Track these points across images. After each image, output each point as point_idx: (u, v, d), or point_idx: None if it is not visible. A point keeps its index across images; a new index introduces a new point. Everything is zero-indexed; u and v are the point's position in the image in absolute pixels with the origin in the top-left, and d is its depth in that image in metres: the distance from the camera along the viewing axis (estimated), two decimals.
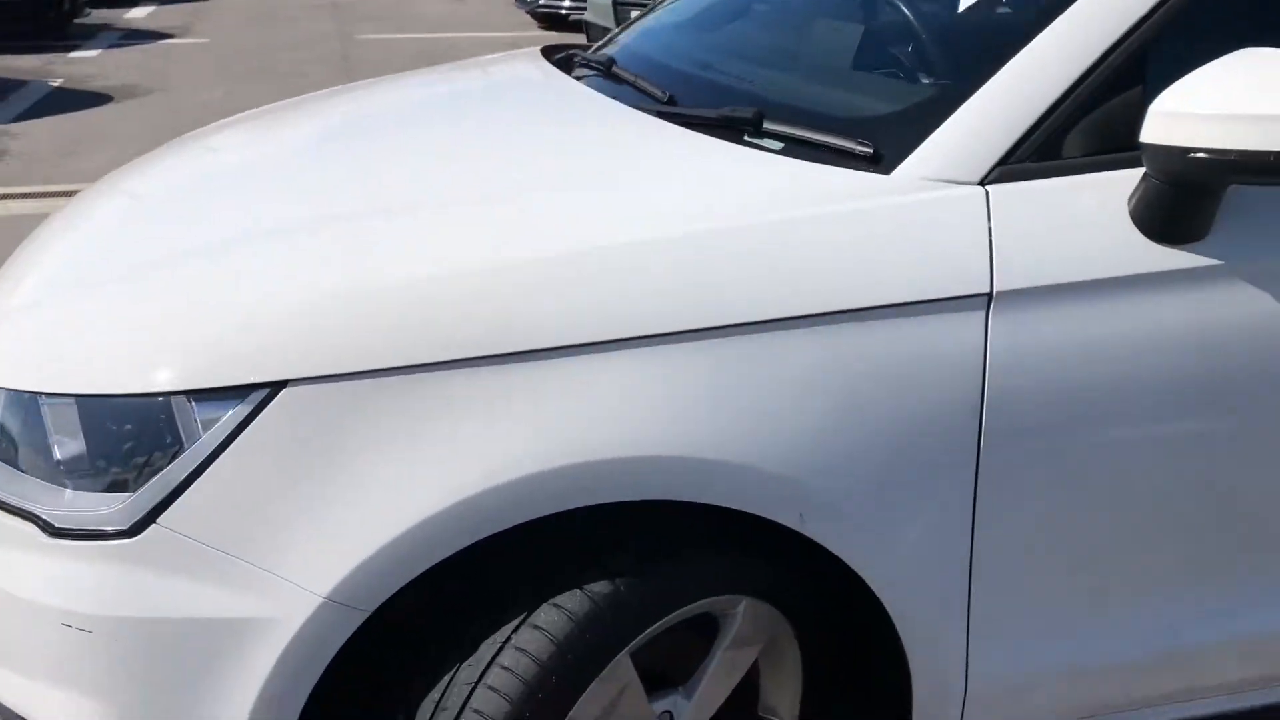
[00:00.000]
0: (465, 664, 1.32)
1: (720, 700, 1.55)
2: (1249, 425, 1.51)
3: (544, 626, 1.31)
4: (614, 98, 1.90)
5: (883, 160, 1.46)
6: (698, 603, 1.43)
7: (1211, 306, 1.45)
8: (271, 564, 1.26)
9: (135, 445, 1.30)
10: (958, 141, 1.45)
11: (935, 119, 1.48)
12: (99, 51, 9.45)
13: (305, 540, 1.26)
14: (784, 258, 1.37)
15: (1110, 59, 1.45)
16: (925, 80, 1.80)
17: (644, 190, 1.52)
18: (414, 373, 1.27)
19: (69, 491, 1.32)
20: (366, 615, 1.27)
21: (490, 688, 1.30)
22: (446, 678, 1.33)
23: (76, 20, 10.65)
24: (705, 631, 1.52)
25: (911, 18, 1.92)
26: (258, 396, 1.27)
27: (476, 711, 1.29)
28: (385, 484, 1.26)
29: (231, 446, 1.26)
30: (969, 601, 1.50)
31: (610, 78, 2.06)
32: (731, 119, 1.62)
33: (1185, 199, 1.41)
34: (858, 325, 1.37)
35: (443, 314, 1.30)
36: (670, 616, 1.40)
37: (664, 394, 1.32)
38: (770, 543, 1.42)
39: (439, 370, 1.28)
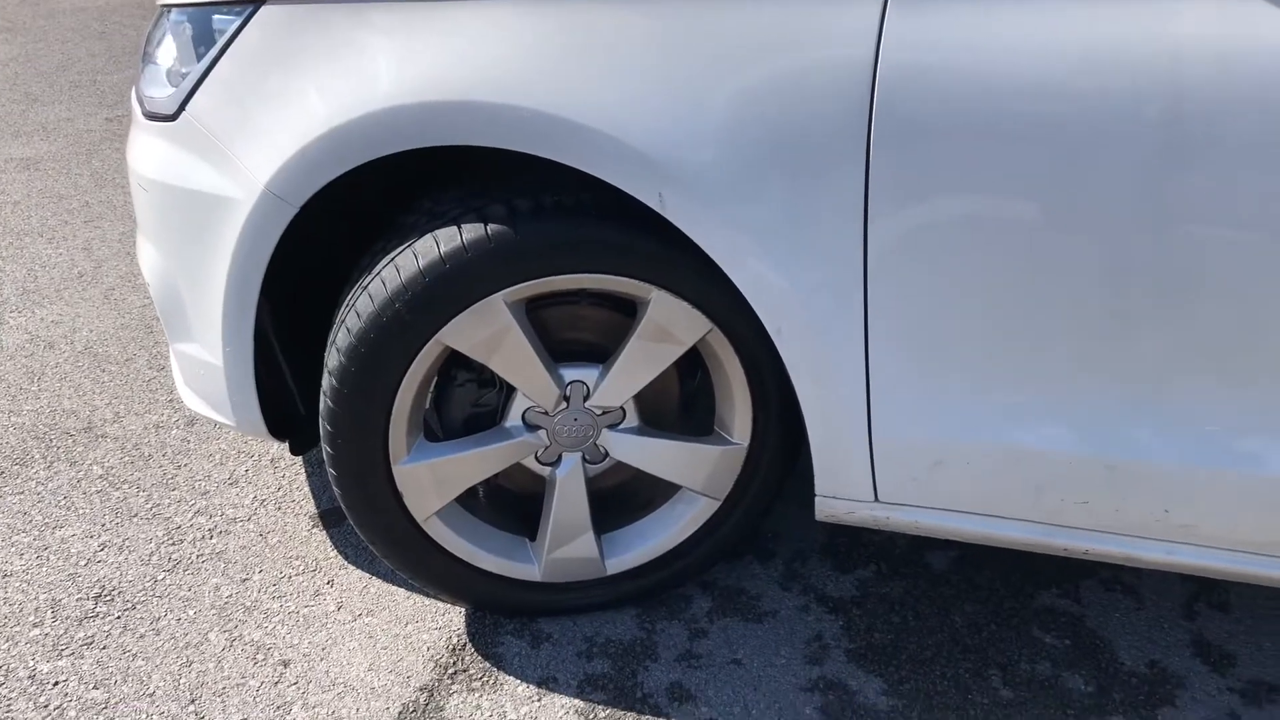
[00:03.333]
0: (364, 271, 1.51)
1: (635, 386, 1.58)
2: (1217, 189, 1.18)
3: (418, 253, 1.44)
4: None
5: None
6: (588, 275, 1.46)
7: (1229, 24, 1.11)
8: (242, 157, 1.53)
9: (186, 49, 1.62)
10: None
11: None
12: None
13: (260, 140, 1.51)
14: None
15: None
16: None
17: None
18: (343, 2, 1.44)
19: (157, 84, 1.69)
20: (295, 210, 1.50)
21: (367, 292, 1.47)
22: (356, 281, 1.53)
23: None
24: None
25: None
26: (246, 11, 1.52)
27: (355, 310, 1.49)
28: (307, 98, 1.46)
29: (227, 52, 1.54)
30: (866, 339, 1.36)
31: None
32: None
33: None
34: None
35: None
36: (556, 279, 1.45)
37: (531, 47, 1.35)
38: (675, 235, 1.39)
39: (362, 2, 1.43)
